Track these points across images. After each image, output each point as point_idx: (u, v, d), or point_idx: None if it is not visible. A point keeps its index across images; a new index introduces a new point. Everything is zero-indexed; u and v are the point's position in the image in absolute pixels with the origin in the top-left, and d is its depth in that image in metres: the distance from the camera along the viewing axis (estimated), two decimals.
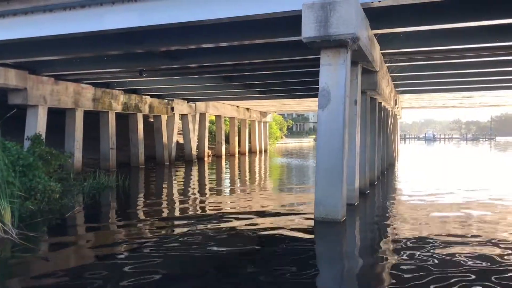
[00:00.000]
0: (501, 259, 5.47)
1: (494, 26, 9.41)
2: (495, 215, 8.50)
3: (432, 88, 20.53)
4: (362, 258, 5.95)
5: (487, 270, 5.05)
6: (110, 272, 5.08)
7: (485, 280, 4.72)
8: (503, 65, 14.12)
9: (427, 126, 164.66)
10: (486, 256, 5.61)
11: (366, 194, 10.86)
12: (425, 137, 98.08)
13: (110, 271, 5.12)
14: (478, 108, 52.85)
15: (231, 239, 6.63)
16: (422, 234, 6.83)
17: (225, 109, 29.36)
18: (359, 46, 7.72)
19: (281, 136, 55.77)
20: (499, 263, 5.30)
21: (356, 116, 9.40)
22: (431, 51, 11.72)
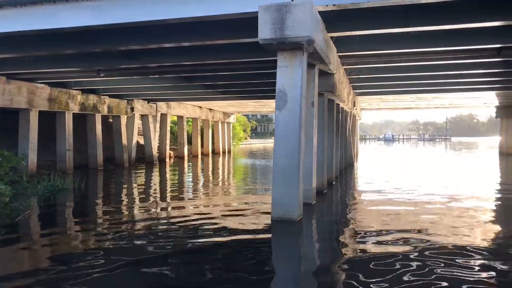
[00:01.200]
0: (460, 263, 5.72)
1: (446, 31, 9.84)
2: (449, 213, 8.87)
3: (389, 90, 21.15)
4: (317, 256, 6.09)
5: (451, 269, 5.28)
6: (47, 277, 4.93)
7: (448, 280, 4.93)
8: (455, 68, 14.75)
9: (387, 127, 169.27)
10: (445, 254, 5.85)
11: (323, 194, 11.07)
12: (385, 137, 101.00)
13: (49, 276, 4.97)
14: (435, 109, 54.93)
15: (188, 241, 6.60)
16: (377, 232, 7.00)
17: (187, 110, 29.14)
18: (314, 49, 7.87)
19: (245, 137, 55.90)
20: (462, 268, 5.55)
21: (313, 117, 9.57)
22: (387, 54, 12.10)
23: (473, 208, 9.32)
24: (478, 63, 14.07)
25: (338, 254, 5.96)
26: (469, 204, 9.94)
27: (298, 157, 7.74)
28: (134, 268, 5.31)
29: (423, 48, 10.95)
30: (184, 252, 6.00)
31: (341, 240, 6.81)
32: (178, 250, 6.10)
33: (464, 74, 16.02)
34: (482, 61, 13.62)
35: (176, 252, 5.99)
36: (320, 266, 5.56)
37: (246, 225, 7.68)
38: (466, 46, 10.80)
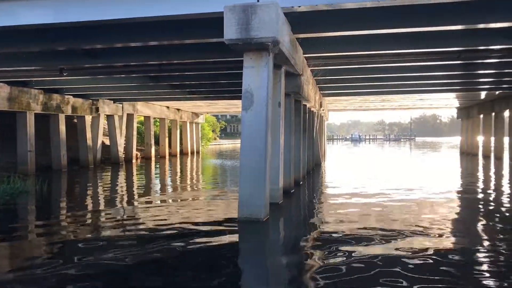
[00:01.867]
0: (412, 254, 5.88)
1: (409, 34, 10.10)
2: (411, 210, 9.11)
3: (355, 91, 21.58)
4: (282, 255, 6.13)
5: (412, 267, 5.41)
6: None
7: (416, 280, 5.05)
8: (418, 70, 15.19)
9: (354, 127, 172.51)
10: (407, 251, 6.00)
11: (291, 193, 11.16)
12: (352, 138, 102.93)
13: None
14: (400, 110, 56.08)
15: (152, 244, 6.49)
16: (343, 231, 7.06)
17: (154, 110, 28.77)
18: (280, 50, 7.93)
19: (214, 137, 55.65)
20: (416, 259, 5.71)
21: (280, 118, 9.62)
22: (352, 56, 12.32)
23: (435, 204, 9.62)
24: (440, 65, 14.56)
25: (304, 254, 5.99)
26: (430, 201, 10.24)
27: (265, 157, 7.77)
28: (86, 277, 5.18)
29: (387, 50, 11.20)
30: (146, 260, 5.89)
31: (307, 240, 6.87)
32: (139, 256, 5.99)
33: (427, 76, 16.53)
34: (443, 63, 14.11)
35: (136, 258, 5.88)
36: (283, 265, 5.60)
37: (213, 226, 7.65)
38: (428, 49, 11.15)
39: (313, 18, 8.93)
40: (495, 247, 6.26)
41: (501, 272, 5.18)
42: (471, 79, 17.54)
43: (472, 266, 5.40)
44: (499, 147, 28.06)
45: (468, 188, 13.40)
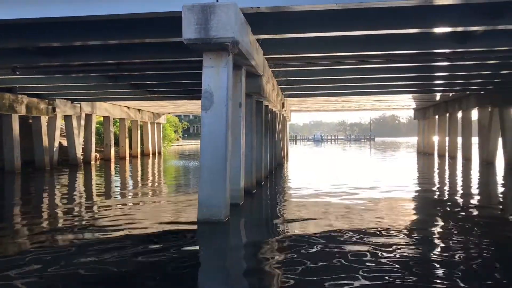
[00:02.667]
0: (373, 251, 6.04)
1: (365, 36, 10.37)
2: (373, 208, 9.34)
3: (315, 92, 21.89)
4: (241, 257, 6.11)
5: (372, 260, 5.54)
6: None
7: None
8: (376, 72, 15.59)
9: (317, 128, 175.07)
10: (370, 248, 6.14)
11: (252, 194, 11.20)
12: (314, 138, 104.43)
13: None
14: (360, 111, 57.30)
15: (107, 250, 6.34)
16: (305, 231, 7.14)
17: (114, 110, 28.13)
18: (240, 50, 7.94)
19: (176, 138, 55.05)
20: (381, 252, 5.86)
21: (241, 118, 9.63)
22: (312, 57, 12.47)
23: (395, 203, 9.93)
24: (396, 67, 15.01)
25: (264, 256, 5.98)
26: (391, 199, 10.55)
27: (225, 158, 7.77)
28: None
29: (346, 52, 11.43)
30: (103, 266, 5.76)
31: (267, 241, 6.87)
32: (94, 261, 5.85)
33: (384, 78, 16.99)
34: (399, 65, 14.58)
35: (92, 264, 5.74)
36: (242, 267, 5.62)
37: (172, 228, 7.56)
38: (384, 51, 11.47)
39: (272, 19, 9.01)
40: (443, 238, 6.53)
41: (453, 263, 5.41)
42: (425, 81, 18.18)
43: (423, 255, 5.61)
44: (453, 146, 29.22)
45: (422, 185, 13.90)
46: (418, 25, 9.02)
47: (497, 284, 4.81)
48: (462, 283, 4.71)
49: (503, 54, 12.41)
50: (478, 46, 10.79)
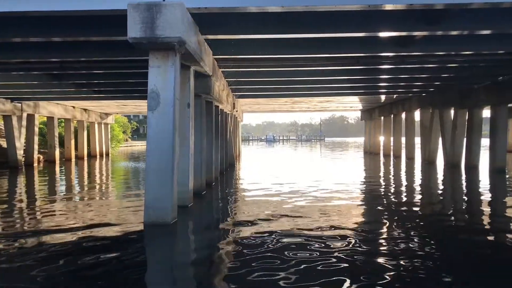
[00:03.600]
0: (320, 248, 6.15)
1: (313, 39, 10.56)
2: (321, 207, 9.53)
3: (266, 93, 22.11)
4: (189, 259, 6.04)
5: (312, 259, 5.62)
6: None
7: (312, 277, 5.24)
8: (324, 74, 15.96)
9: (269, 129, 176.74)
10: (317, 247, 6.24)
11: (202, 195, 11.10)
12: (266, 138, 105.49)
13: None
14: (311, 112, 58.55)
15: (47, 257, 6.07)
16: (255, 233, 7.04)
17: (58, 110, 26.99)
18: (187, 50, 7.86)
19: (125, 138, 53.65)
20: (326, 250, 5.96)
21: (189, 119, 9.53)
22: (262, 59, 12.57)
23: (344, 202, 10.18)
24: (343, 70, 15.42)
25: (211, 259, 5.92)
26: (337, 197, 10.82)
27: (172, 159, 7.65)
28: None
29: (294, 55, 11.61)
30: (42, 271, 5.50)
31: (216, 243, 6.74)
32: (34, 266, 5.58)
33: (332, 80, 17.44)
34: (345, 68, 14.98)
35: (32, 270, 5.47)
36: (189, 270, 5.54)
37: (118, 232, 7.33)
38: (332, 54, 11.74)
39: (221, 20, 8.99)
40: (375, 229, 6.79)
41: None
42: (371, 83, 18.85)
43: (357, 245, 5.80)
44: (397, 146, 30.45)
45: (367, 183, 14.39)
46: (364, 29, 9.31)
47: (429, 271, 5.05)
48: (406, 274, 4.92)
49: (442, 59, 13.10)
50: (419, 51, 11.31)
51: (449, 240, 6.86)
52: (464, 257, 5.96)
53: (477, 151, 19.37)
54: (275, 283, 4.68)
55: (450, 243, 6.72)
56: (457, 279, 5.02)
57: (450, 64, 14.08)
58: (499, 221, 8.43)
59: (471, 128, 19.50)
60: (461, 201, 11.34)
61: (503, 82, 16.87)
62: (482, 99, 18.44)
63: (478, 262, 5.73)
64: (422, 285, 4.80)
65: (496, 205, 10.33)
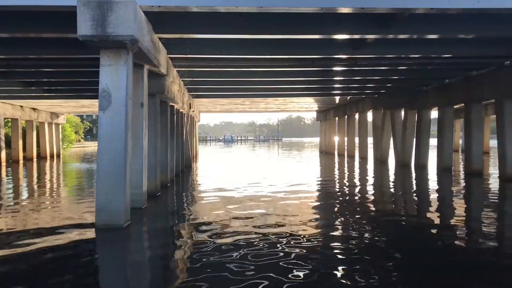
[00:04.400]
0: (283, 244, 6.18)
1: (269, 40, 10.63)
2: (277, 206, 9.59)
3: (223, 93, 22.06)
4: (141, 264, 5.88)
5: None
6: None
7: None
8: (281, 75, 16.12)
9: (227, 129, 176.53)
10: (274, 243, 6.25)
11: (156, 197, 10.91)
12: (224, 139, 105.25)
13: None
14: (269, 112, 59.23)
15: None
16: (210, 235, 6.96)
17: (4, 109, 25.70)
18: (140, 49, 7.70)
19: (78, 139, 51.91)
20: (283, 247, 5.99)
21: (143, 119, 9.35)
22: (218, 59, 12.47)
23: (299, 200, 10.31)
24: (299, 71, 15.66)
25: (164, 263, 5.82)
26: (295, 197, 10.94)
27: (124, 160, 7.46)
28: None
29: (251, 55, 11.63)
30: None
31: (170, 247, 6.66)
32: None
33: (289, 81, 17.64)
34: (301, 69, 15.22)
35: None
36: (141, 274, 5.41)
37: (66, 237, 7.06)
38: (288, 55, 11.88)
39: (175, 19, 8.87)
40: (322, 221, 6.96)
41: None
42: (326, 84, 19.23)
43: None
44: (351, 146, 31.25)
45: (321, 181, 14.68)
46: (318, 31, 9.48)
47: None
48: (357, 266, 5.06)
49: (392, 61, 13.56)
50: (371, 53, 11.66)
51: (392, 229, 7.13)
52: (402, 244, 6.22)
53: (426, 151, 20.21)
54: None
55: (393, 232, 6.99)
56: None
57: (400, 66, 14.60)
58: (444, 216, 8.83)
59: (420, 129, 20.33)
60: (410, 198, 11.78)
61: (450, 85, 17.69)
62: (430, 100, 19.28)
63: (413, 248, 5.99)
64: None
65: (442, 202, 10.82)
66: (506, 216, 9.19)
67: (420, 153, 20.15)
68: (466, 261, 5.74)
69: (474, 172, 15.87)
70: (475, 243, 6.76)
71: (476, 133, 16.17)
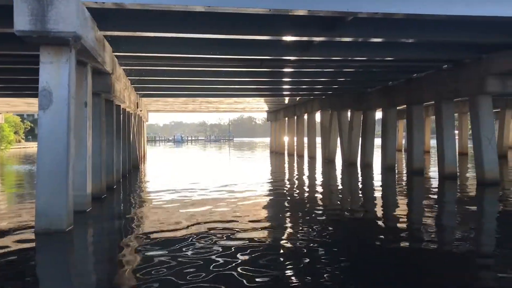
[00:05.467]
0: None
1: (217, 40, 10.58)
2: (231, 207, 9.55)
3: (172, 93, 21.73)
4: (84, 271, 5.64)
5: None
6: None
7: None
8: (230, 76, 16.09)
9: (178, 129, 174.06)
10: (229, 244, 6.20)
11: (102, 199, 10.57)
12: (174, 139, 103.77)
13: None
14: (220, 112, 59.06)
15: None
16: (156, 238, 6.83)
17: None
18: (83, 46, 7.42)
19: (18, 139, 49.24)
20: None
21: (86, 118, 9.01)
22: (165, 57, 12.25)
23: (248, 200, 10.33)
24: (248, 72, 15.70)
25: (108, 269, 5.60)
26: (243, 197, 10.95)
27: (66, 161, 7.15)
28: None
29: (198, 54, 11.53)
30: None
31: (114, 251, 6.46)
32: None
33: (238, 81, 17.66)
34: (250, 70, 15.27)
35: None
36: (84, 281, 5.21)
37: (2, 243, 6.66)
38: (236, 56, 11.86)
39: (120, 16, 8.63)
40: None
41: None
42: (275, 85, 19.43)
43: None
44: (300, 146, 31.80)
45: (272, 181, 14.83)
46: (267, 32, 9.55)
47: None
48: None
49: (339, 64, 13.94)
50: (318, 55, 11.92)
51: (336, 224, 7.35)
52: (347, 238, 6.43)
53: (371, 150, 20.95)
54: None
55: (337, 226, 7.21)
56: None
57: (347, 69, 15.03)
58: (388, 212, 9.20)
59: (365, 129, 21.04)
60: (356, 195, 12.16)
61: (393, 87, 18.44)
62: (374, 102, 20.00)
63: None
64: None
65: (385, 199, 11.26)
66: (439, 210, 9.69)
67: (366, 153, 20.85)
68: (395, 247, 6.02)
69: (415, 170, 16.62)
70: (411, 234, 7.10)
71: (417, 133, 16.94)
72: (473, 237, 7.24)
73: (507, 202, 10.57)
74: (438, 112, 15.33)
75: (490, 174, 12.94)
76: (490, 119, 13.36)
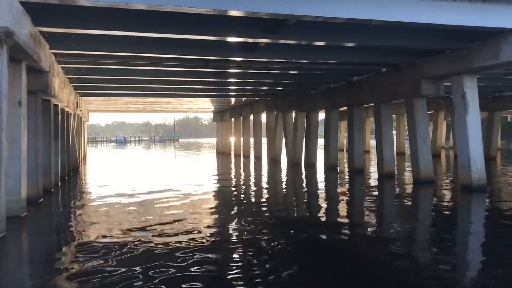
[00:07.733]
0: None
1: (159, 38, 10.37)
2: (169, 208, 9.40)
3: (114, 92, 21.10)
4: (16, 282, 5.36)
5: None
6: None
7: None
8: (175, 75, 15.87)
9: (120, 129, 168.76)
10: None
11: (38, 203, 10.05)
12: (117, 139, 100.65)
13: None
14: (165, 112, 57.87)
15: None
16: (96, 243, 6.59)
17: None
18: (17, 42, 7.03)
19: None
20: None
21: (21, 119, 8.53)
22: (106, 56, 11.85)
23: (192, 200, 10.23)
24: (193, 72, 15.56)
25: (44, 279, 5.26)
26: (188, 198, 10.84)
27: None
28: None
29: (144, 53, 11.29)
30: None
31: (50, 258, 6.15)
32: None
33: (183, 81, 17.46)
34: (196, 70, 15.15)
35: None
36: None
37: None
38: (180, 55, 11.71)
39: (58, 12, 8.27)
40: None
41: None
42: (221, 86, 19.40)
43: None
44: (246, 147, 31.97)
45: (219, 182, 14.81)
46: (212, 33, 9.51)
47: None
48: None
49: (283, 66, 14.18)
50: (263, 57, 12.06)
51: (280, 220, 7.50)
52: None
53: (314, 150, 21.49)
54: None
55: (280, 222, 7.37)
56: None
57: (291, 71, 15.32)
58: (331, 209, 9.49)
59: (309, 130, 21.56)
60: (300, 193, 12.43)
61: (334, 89, 19.02)
62: (317, 103, 20.54)
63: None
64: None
65: (329, 196, 11.61)
66: (377, 205, 10.15)
67: (309, 153, 21.35)
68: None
69: (356, 169, 17.24)
70: (348, 226, 7.38)
71: (358, 134, 17.59)
72: (408, 227, 7.82)
73: (440, 198, 11.27)
74: (377, 114, 16.00)
75: (425, 172, 13.68)
76: (425, 120, 14.13)
